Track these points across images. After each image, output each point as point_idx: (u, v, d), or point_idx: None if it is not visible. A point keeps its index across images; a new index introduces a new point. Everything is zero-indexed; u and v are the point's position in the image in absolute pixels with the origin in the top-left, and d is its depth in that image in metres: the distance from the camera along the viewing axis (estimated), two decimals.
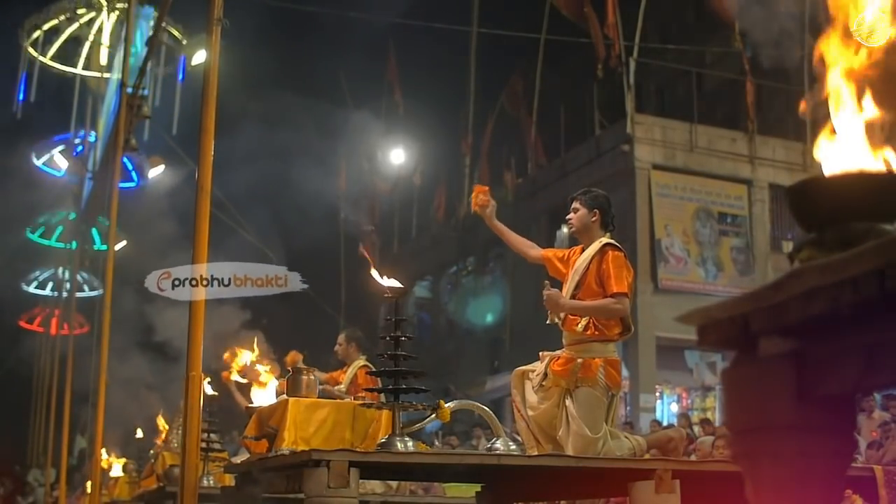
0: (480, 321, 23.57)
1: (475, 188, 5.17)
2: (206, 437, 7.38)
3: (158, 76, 21.54)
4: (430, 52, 24.46)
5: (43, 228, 25.94)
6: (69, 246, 20.70)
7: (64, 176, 23.69)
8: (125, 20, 14.55)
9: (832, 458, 1.43)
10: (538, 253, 5.13)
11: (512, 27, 23.37)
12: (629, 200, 17.77)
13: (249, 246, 19.15)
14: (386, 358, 4.26)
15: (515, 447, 4.46)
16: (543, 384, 4.74)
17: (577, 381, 4.64)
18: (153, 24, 11.51)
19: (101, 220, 18.10)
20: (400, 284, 4.35)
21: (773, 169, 19.21)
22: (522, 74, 23.70)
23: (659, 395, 18.48)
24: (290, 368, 5.93)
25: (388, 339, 4.25)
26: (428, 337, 26.28)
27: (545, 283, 4.78)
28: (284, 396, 5.38)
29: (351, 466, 3.66)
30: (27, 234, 25.94)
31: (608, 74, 19.53)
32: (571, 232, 5.05)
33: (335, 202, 25.13)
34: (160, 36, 12.44)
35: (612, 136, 19.49)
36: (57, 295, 24.24)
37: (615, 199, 5.25)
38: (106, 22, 23.07)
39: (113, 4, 22.77)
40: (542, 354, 4.86)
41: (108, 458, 13.02)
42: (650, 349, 17.59)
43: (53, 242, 25.38)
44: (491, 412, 4.74)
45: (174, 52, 21.82)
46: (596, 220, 4.88)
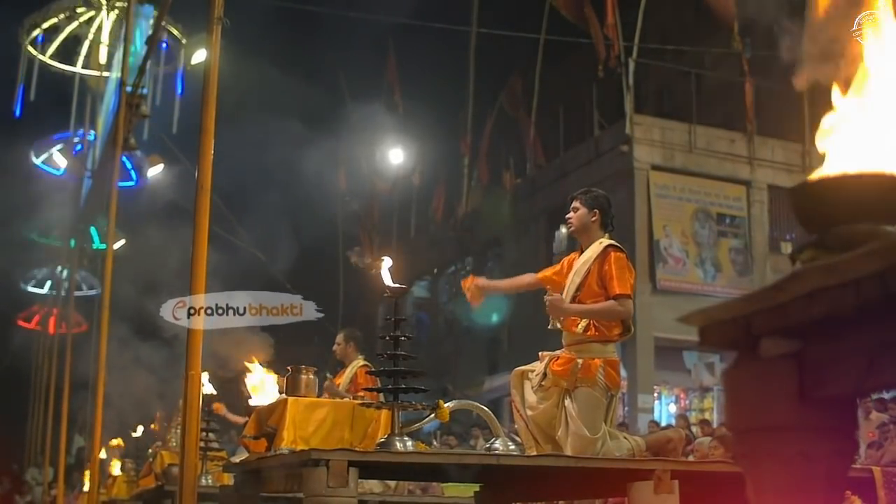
0: (479, 321, 23.54)
1: (463, 284, 5.09)
2: (204, 436, 7.38)
3: (158, 75, 21.53)
4: (429, 52, 24.49)
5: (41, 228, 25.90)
6: (65, 244, 20.67)
7: (63, 174, 23.66)
8: (125, 19, 14.52)
9: (833, 458, 1.43)
10: (533, 279, 5.17)
11: (511, 28, 23.41)
12: (628, 201, 17.75)
13: (245, 247, 19.14)
14: (385, 358, 4.26)
15: (514, 447, 4.45)
16: (543, 384, 4.74)
17: (576, 381, 4.63)
18: (153, 22, 11.48)
19: (99, 220, 18.08)
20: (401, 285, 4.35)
21: (771, 170, 19.22)
22: (521, 75, 23.69)
23: (657, 395, 18.45)
24: (288, 368, 5.93)
25: (387, 338, 4.25)
26: (426, 337, 26.27)
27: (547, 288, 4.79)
28: (284, 396, 5.38)
29: (350, 466, 3.65)
30: (26, 232, 25.89)
31: (607, 75, 19.52)
32: (571, 232, 5.05)
33: (334, 202, 25.13)
34: (160, 35, 12.43)
35: (611, 136, 19.48)
36: (55, 293, 24.22)
37: (614, 199, 5.25)
38: (105, 20, 23.04)
39: (112, 3, 22.75)
40: (541, 354, 4.86)
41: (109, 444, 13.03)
42: (648, 350, 17.58)
43: (52, 240, 25.34)
44: (490, 412, 4.73)
45: (175, 50, 21.81)
46: (596, 220, 4.87)
